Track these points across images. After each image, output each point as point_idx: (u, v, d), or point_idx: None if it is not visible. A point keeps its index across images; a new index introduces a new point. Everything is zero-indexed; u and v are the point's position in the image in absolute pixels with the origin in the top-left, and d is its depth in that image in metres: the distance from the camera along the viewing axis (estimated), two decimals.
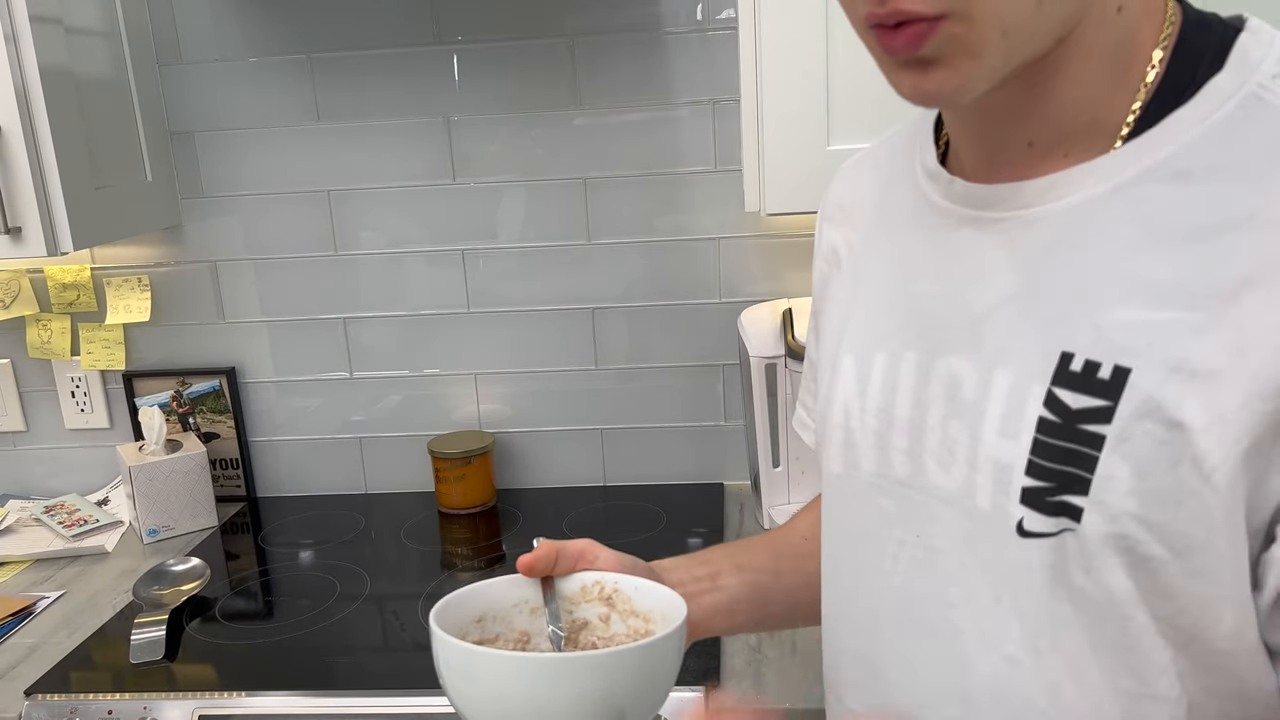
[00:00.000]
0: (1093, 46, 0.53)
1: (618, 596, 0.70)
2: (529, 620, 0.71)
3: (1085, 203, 0.54)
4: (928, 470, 0.60)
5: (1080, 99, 0.54)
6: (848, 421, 0.65)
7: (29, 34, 1.24)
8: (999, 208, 0.57)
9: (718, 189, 1.52)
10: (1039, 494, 0.53)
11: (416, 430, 1.65)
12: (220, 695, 1.11)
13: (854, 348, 0.66)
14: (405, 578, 1.38)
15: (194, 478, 1.56)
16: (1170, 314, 0.50)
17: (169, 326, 1.64)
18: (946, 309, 0.59)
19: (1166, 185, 0.51)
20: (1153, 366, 0.50)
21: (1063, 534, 0.52)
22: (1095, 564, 0.52)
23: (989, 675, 0.57)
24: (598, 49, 1.48)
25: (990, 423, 0.55)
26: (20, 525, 1.58)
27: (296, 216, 1.59)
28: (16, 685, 1.16)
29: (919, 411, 0.60)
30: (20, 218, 1.27)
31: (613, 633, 0.70)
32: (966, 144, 0.60)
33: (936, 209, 0.61)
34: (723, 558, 0.82)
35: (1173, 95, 0.53)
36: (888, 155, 0.70)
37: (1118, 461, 0.50)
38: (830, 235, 0.74)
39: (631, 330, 1.59)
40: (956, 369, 0.58)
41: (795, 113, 1.12)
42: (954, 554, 0.58)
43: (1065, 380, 0.52)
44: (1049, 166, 0.55)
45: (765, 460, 1.43)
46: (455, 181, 1.55)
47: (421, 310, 1.61)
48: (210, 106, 1.56)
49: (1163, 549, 0.50)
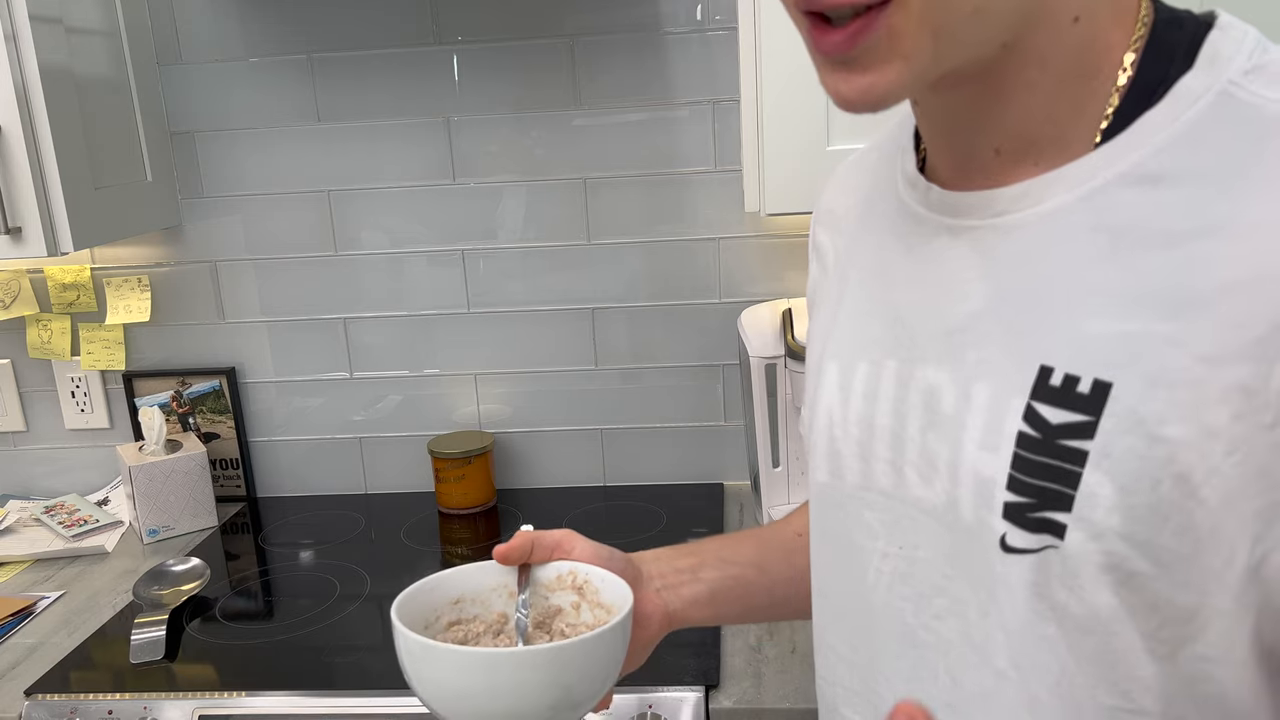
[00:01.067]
0: (1046, 55, 0.51)
1: (588, 587, 0.74)
2: (507, 603, 0.74)
3: (1056, 210, 0.52)
4: (909, 482, 0.59)
5: (1040, 106, 0.53)
6: (831, 429, 0.65)
7: (29, 34, 1.24)
8: (972, 215, 0.56)
9: (718, 189, 1.52)
10: (1020, 509, 0.52)
11: (416, 430, 1.65)
12: (220, 695, 1.11)
13: (838, 355, 0.65)
14: (405, 578, 1.37)
15: (194, 478, 1.56)
16: (1147, 325, 0.48)
17: (169, 326, 1.64)
18: (924, 318, 0.59)
19: (1137, 190, 0.50)
20: (1133, 380, 0.48)
21: (1045, 550, 0.51)
22: (1079, 581, 0.51)
23: (979, 689, 0.56)
24: (598, 49, 1.48)
25: (971, 435, 0.54)
26: (20, 525, 1.58)
27: (296, 216, 1.59)
28: (16, 685, 1.16)
29: (898, 422, 0.59)
30: (20, 218, 1.27)
31: (581, 619, 0.73)
32: (937, 150, 0.59)
33: (914, 216, 0.61)
34: (709, 550, 0.82)
35: (1144, 97, 0.51)
36: (874, 159, 0.70)
37: (1101, 478, 0.49)
38: (820, 238, 0.74)
39: (631, 330, 1.59)
40: (934, 380, 0.57)
41: (795, 113, 1.12)
42: (938, 566, 0.58)
43: (1044, 394, 0.51)
44: (1020, 174, 0.54)
45: (765, 460, 1.42)
46: (455, 181, 1.55)
47: (421, 310, 1.61)
48: (210, 106, 1.56)
49: (1148, 564, 0.49)
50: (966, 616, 0.57)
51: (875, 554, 0.62)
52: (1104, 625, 0.51)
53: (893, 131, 0.69)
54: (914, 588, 0.60)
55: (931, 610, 0.59)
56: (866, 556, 0.63)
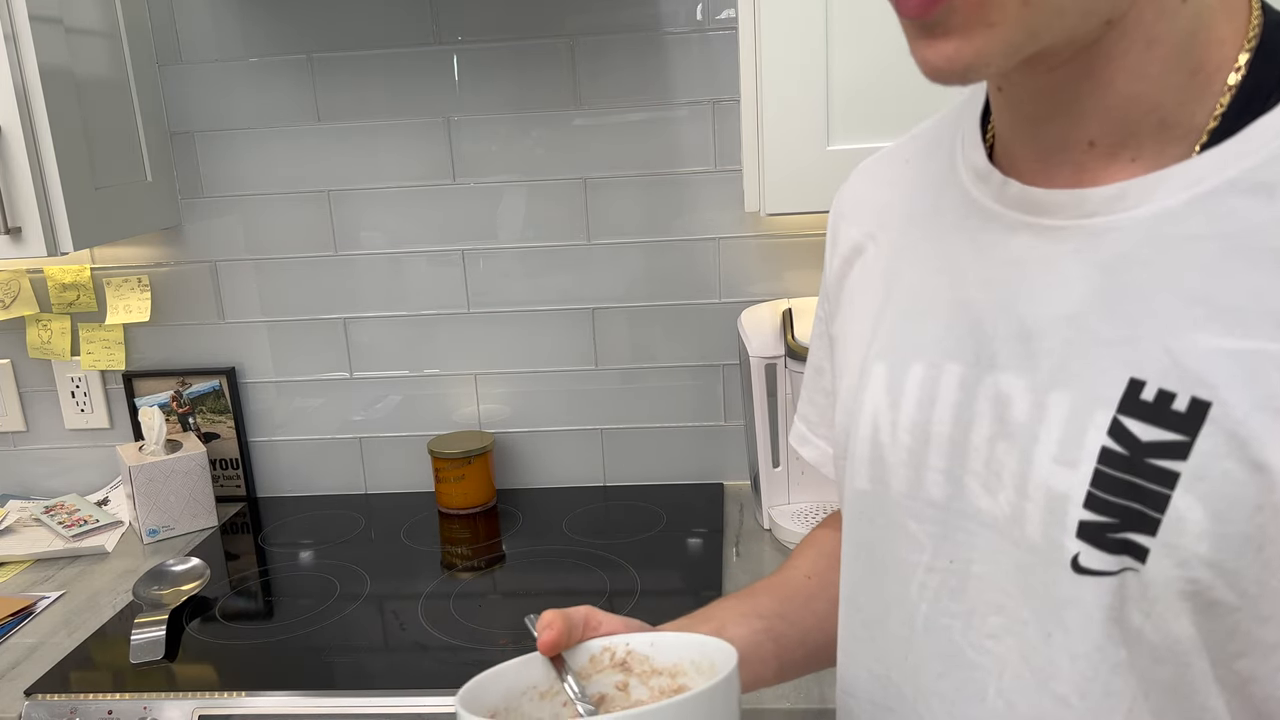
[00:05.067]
0: (1154, 36, 0.48)
1: (632, 659, 0.64)
2: (539, 706, 0.63)
3: (1159, 214, 0.49)
4: (969, 493, 0.56)
5: (1145, 95, 0.49)
6: (876, 435, 0.61)
7: (29, 34, 1.24)
8: (1060, 215, 0.52)
9: (718, 189, 1.52)
10: (1099, 529, 0.49)
11: (416, 430, 1.65)
12: (220, 695, 1.11)
13: (885, 356, 0.61)
14: (405, 578, 1.38)
15: (194, 478, 1.56)
16: (1256, 343, 0.46)
17: (169, 326, 1.64)
18: (997, 321, 0.55)
19: (1250, 200, 0.47)
20: (1236, 401, 0.46)
21: (1124, 573, 0.49)
22: (1158, 608, 0.48)
23: (1035, 713, 0.54)
24: (598, 49, 1.48)
25: (1045, 448, 0.51)
26: (20, 525, 1.58)
27: (296, 216, 1.59)
28: (16, 685, 1.16)
29: (960, 430, 0.56)
30: (20, 218, 1.27)
31: (634, 700, 0.63)
32: (1018, 141, 0.55)
33: (986, 212, 0.57)
34: (727, 609, 0.75)
35: (1256, 102, 0.48)
36: (919, 152, 0.66)
37: (1192, 501, 0.46)
38: (851, 234, 0.69)
39: (631, 330, 1.59)
40: (1007, 386, 0.54)
41: (795, 113, 1.12)
42: (996, 582, 0.55)
43: (1134, 409, 0.48)
44: (1115, 171, 0.51)
45: (765, 460, 1.43)
46: (455, 181, 1.55)
47: (421, 310, 1.61)
48: (210, 106, 1.56)
49: (1233, 595, 0.46)
50: (1025, 637, 0.54)
51: (920, 567, 0.59)
52: (1180, 655, 0.49)
53: (935, 123, 0.66)
54: (965, 604, 0.57)
55: (985, 629, 0.56)
56: (909, 570, 0.60)
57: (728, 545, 1.42)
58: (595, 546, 1.43)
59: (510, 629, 1.23)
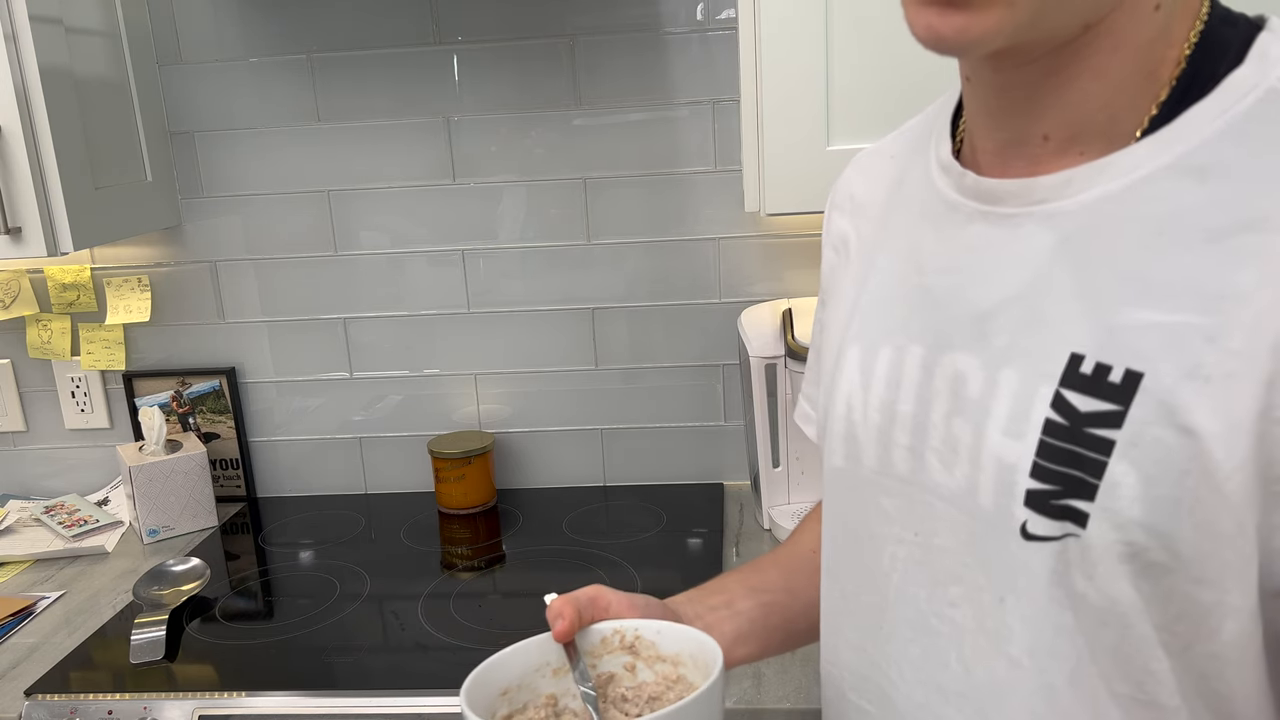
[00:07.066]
0: (1122, 40, 0.51)
1: (640, 644, 0.68)
2: (553, 683, 0.68)
3: (1099, 200, 0.52)
4: (930, 467, 0.59)
5: (1101, 93, 0.52)
6: (850, 415, 0.64)
7: (29, 34, 1.24)
8: (1011, 203, 0.56)
9: (718, 189, 1.52)
10: (1043, 497, 0.52)
11: (416, 430, 1.65)
12: (220, 695, 1.11)
13: (859, 340, 0.65)
14: (405, 578, 1.38)
15: (194, 478, 1.56)
16: (1184, 317, 0.48)
17: (169, 326, 1.64)
18: (954, 304, 0.58)
19: (1182, 182, 0.50)
20: (1165, 371, 0.48)
21: (1066, 539, 0.51)
22: (1099, 570, 0.51)
23: (992, 677, 0.56)
24: (598, 49, 1.48)
25: (995, 421, 0.54)
26: (20, 525, 1.58)
27: (296, 216, 1.59)
28: (16, 685, 1.16)
29: (922, 408, 0.59)
30: (20, 218, 1.27)
31: (640, 681, 0.68)
32: (980, 134, 0.59)
33: (948, 203, 0.60)
34: (735, 583, 0.79)
35: (1193, 91, 0.51)
36: (903, 147, 0.69)
37: (1126, 468, 0.49)
38: (840, 224, 0.73)
39: (631, 330, 1.59)
40: (962, 365, 0.57)
41: (795, 113, 1.12)
42: (956, 553, 0.58)
43: (1074, 382, 0.51)
44: (1064, 163, 0.54)
45: (765, 460, 1.43)
46: (455, 181, 1.55)
47: (421, 310, 1.61)
48: (210, 106, 1.56)
49: (1168, 557, 0.49)
50: (981, 604, 0.56)
51: (890, 540, 0.62)
52: (1121, 617, 0.51)
53: (921, 119, 0.69)
54: (929, 574, 0.60)
55: (946, 598, 0.58)
56: (880, 543, 0.63)
57: (728, 545, 1.42)
58: (595, 546, 1.43)
59: (510, 629, 1.23)
